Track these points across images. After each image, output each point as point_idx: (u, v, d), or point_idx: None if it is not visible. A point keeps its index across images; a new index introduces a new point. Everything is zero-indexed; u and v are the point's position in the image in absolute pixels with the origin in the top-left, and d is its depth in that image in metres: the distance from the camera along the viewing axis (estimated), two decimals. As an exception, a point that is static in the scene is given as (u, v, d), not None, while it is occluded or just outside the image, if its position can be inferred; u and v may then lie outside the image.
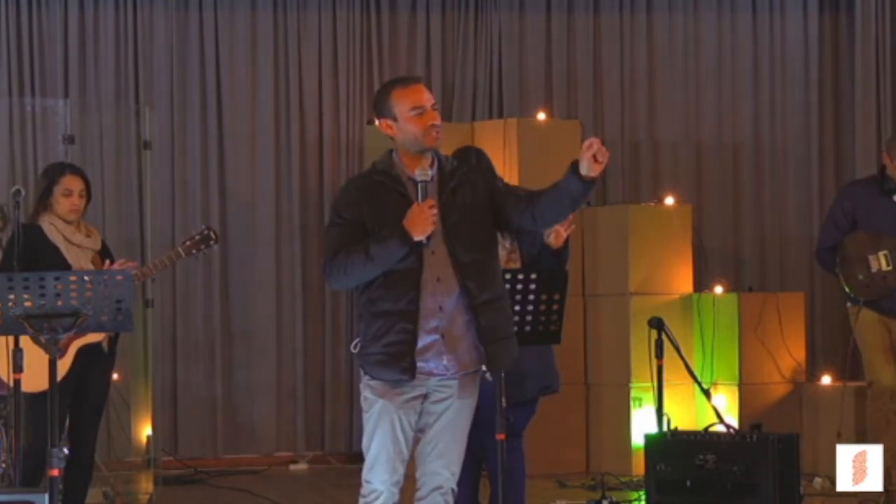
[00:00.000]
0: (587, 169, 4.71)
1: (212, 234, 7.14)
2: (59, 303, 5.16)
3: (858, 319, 7.75)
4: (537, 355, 6.01)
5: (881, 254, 7.67)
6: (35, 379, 6.13)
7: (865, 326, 7.77)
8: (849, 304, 7.91)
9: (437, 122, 4.98)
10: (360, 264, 4.90)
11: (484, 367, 5.02)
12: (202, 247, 7.11)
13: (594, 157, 4.68)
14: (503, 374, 5.77)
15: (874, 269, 7.67)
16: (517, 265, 6.03)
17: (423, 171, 4.92)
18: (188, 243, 7.12)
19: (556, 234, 5.97)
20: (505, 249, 6.02)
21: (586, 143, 4.72)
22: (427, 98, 4.99)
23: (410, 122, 4.97)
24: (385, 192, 4.97)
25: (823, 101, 10.90)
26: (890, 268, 7.62)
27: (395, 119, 5.00)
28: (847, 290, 7.76)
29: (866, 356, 7.87)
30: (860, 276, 7.69)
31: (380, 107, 5.05)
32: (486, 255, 5.02)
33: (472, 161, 5.97)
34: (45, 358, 5.32)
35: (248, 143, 10.42)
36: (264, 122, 10.43)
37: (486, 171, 5.38)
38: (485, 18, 10.64)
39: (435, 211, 4.88)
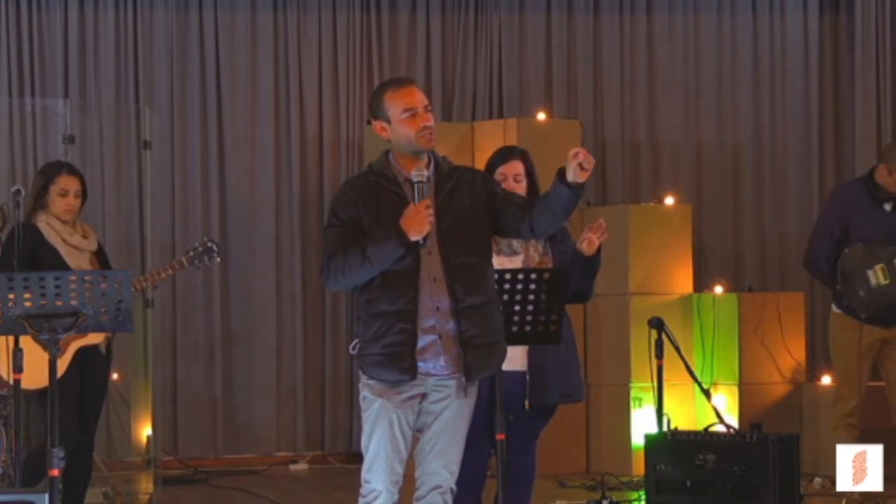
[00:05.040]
0: (573, 176, 4.73)
1: (214, 248, 7.14)
2: (59, 303, 5.16)
3: (862, 335, 7.59)
4: (560, 361, 5.95)
5: (878, 267, 7.54)
6: (35, 375, 6.11)
7: (854, 338, 7.63)
8: (833, 308, 7.80)
9: (430, 123, 4.97)
10: (358, 265, 4.89)
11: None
12: (205, 259, 7.12)
13: (580, 165, 4.71)
14: (528, 377, 5.74)
15: (873, 283, 7.55)
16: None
17: (419, 172, 4.91)
18: (190, 254, 7.12)
19: (588, 242, 5.81)
20: (538, 251, 5.98)
21: (572, 152, 4.74)
22: (419, 99, 4.98)
23: (403, 125, 4.96)
24: (382, 193, 4.97)
25: (823, 101, 10.90)
26: (888, 281, 7.54)
27: (388, 121, 5.00)
28: (852, 307, 7.61)
29: (842, 375, 7.78)
30: (861, 293, 7.55)
31: (374, 109, 5.05)
32: (479, 259, 5.00)
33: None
34: (45, 355, 5.31)
35: (248, 143, 10.42)
36: (264, 122, 10.44)
37: (486, 175, 5.36)
38: (485, 19, 10.64)
39: (431, 211, 4.87)
